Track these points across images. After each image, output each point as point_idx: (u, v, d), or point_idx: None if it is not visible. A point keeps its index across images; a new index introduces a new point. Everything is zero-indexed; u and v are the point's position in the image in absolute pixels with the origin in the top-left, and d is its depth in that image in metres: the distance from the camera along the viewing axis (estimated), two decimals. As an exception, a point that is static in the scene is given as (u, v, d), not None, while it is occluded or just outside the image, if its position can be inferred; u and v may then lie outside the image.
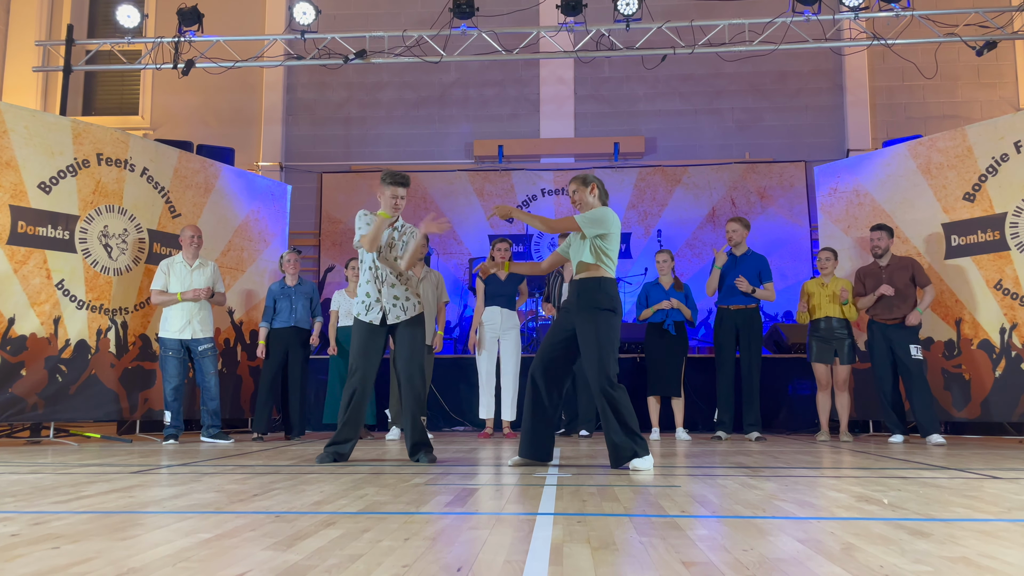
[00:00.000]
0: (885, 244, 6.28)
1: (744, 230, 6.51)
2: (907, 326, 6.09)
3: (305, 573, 1.63)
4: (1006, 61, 10.01)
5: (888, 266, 6.26)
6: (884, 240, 6.29)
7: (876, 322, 6.25)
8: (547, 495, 2.85)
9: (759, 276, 6.39)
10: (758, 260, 6.47)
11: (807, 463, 4.24)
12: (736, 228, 6.50)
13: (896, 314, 6.13)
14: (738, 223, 6.52)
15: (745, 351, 6.36)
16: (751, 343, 6.34)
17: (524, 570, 1.67)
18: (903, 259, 6.31)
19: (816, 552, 1.85)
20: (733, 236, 6.50)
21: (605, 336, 3.89)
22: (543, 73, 10.44)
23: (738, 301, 6.38)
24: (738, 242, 6.50)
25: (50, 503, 2.65)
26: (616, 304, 3.98)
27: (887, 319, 6.17)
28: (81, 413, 6.08)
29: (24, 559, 1.76)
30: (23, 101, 10.24)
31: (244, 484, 3.19)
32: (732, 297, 6.39)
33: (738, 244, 6.51)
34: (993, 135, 6.40)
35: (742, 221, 6.54)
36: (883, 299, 6.19)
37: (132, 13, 8.55)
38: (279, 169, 10.42)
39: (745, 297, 6.36)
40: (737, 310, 6.39)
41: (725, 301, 6.44)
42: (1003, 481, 3.34)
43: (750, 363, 6.32)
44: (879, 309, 6.22)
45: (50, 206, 5.99)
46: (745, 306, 6.38)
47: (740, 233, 6.49)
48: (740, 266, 6.43)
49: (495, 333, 6.54)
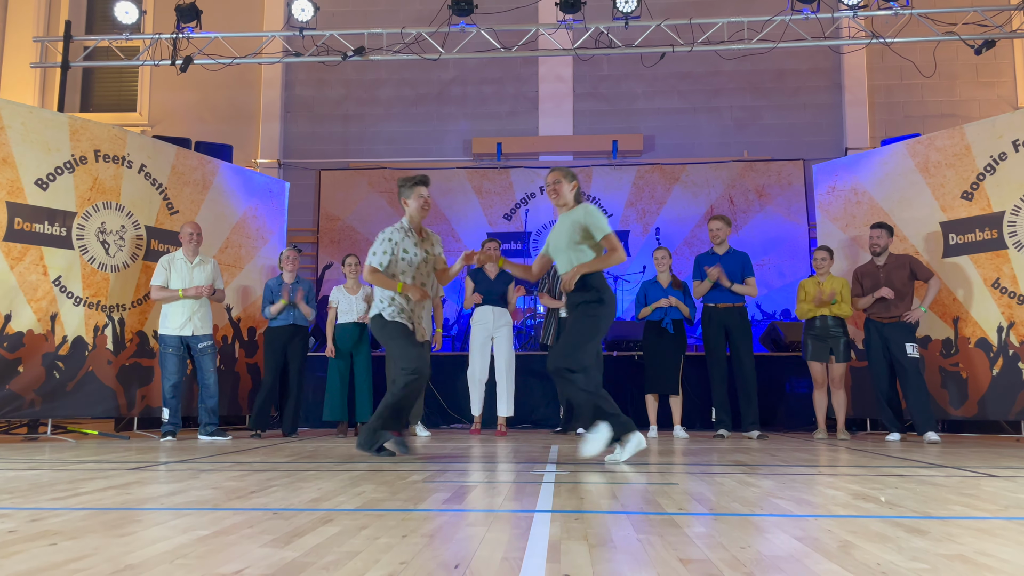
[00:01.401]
0: (884, 242, 6.28)
1: (727, 228, 6.49)
2: (904, 323, 6.09)
3: (303, 570, 1.63)
4: (1004, 60, 10.02)
5: (885, 265, 6.26)
6: (884, 238, 6.28)
7: (873, 320, 6.25)
8: (544, 492, 2.85)
9: (741, 272, 6.37)
10: (740, 257, 6.44)
11: (804, 461, 4.24)
12: (720, 226, 6.46)
13: (893, 312, 6.14)
14: (721, 221, 6.49)
15: (735, 349, 6.33)
16: (740, 341, 6.29)
17: (522, 567, 1.67)
18: (900, 257, 6.31)
19: (813, 549, 1.85)
20: (718, 234, 6.45)
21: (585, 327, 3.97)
22: (542, 71, 10.44)
23: (725, 299, 6.34)
24: (722, 240, 6.46)
25: (47, 499, 2.64)
26: (603, 294, 4.02)
27: (884, 317, 6.18)
28: (78, 410, 6.07)
29: (21, 555, 1.76)
30: (21, 97, 10.21)
31: (242, 481, 3.19)
32: (718, 296, 6.36)
33: (721, 242, 6.47)
34: (991, 134, 6.41)
35: (725, 219, 6.52)
36: (880, 298, 6.19)
37: (130, 9, 8.53)
38: (277, 166, 10.41)
39: (731, 295, 6.32)
40: (725, 308, 6.35)
41: (712, 300, 6.40)
42: (1000, 479, 3.34)
43: (742, 361, 6.28)
44: (876, 308, 6.23)
45: (47, 203, 5.98)
46: (732, 304, 6.34)
47: (724, 231, 6.46)
48: (723, 264, 6.41)
49: (488, 332, 6.57)
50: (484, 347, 6.58)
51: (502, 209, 10.13)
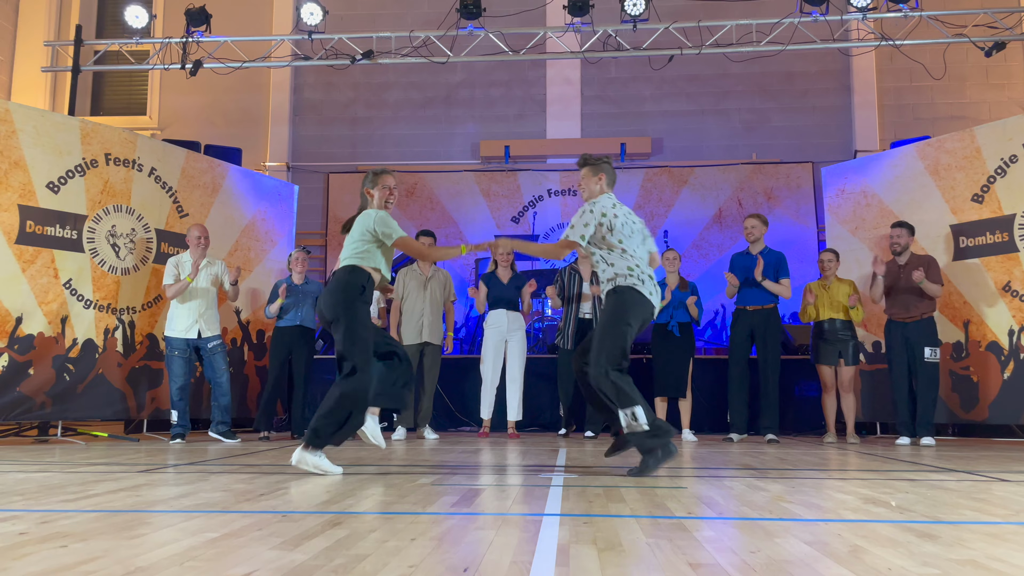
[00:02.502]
0: (905, 241, 6.22)
1: (763, 226, 6.37)
2: (926, 324, 6.02)
3: (312, 573, 1.63)
4: (1015, 62, 9.96)
5: (907, 264, 6.19)
6: (904, 237, 6.22)
7: (895, 321, 6.17)
8: (553, 496, 2.85)
9: (776, 272, 6.26)
10: (775, 256, 6.31)
11: (814, 465, 4.23)
12: (755, 224, 6.37)
13: (914, 312, 6.07)
14: (757, 219, 6.40)
15: (761, 351, 6.22)
16: (767, 343, 6.18)
17: (531, 571, 1.66)
18: (922, 257, 6.23)
19: (823, 554, 1.84)
20: (753, 232, 6.35)
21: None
22: (550, 73, 10.43)
23: (755, 302, 6.25)
24: (757, 238, 6.36)
25: (58, 502, 2.66)
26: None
27: (905, 318, 6.11)
28: (88, 412, 6.10)
29: (32, 557, 1.77)
30: (32, 101, 10.28)
31: (251, 484, 3.19)
32: (750, 298, 6.28)
33: (756, 240, 6.37)
34: (1002, 136, 6.37)
35: (761, 217, 6.42)
36: (900, 298, 6.10)
37: (140, 14, 8.58)
38: (286, 169, 10.44)
39: (763, 297, 6.23)
40: (754, 311, 6.25)
41: (743, 302, 6.33)
42: (1012, 484, 3.32)
43: (766, 364, 6.18)
44: (896, 308, 6.15)
45: (58, 206, 6.02)
46: (762, 306, 6.24)
47: (759, 229, 6.35)
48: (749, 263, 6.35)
49: (501, 335, 6.57)
50: (498, 350, 6.58)
51: (510, 212, 10.13)
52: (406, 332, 6.45)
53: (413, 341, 6.36)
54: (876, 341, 6.92)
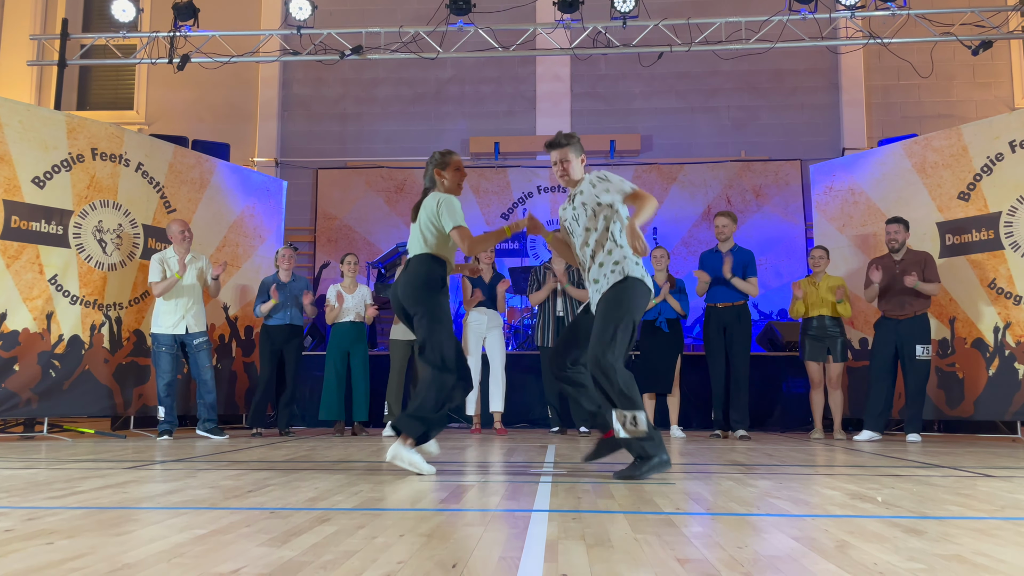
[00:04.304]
0: (902, 238, 6.23)
1: (733, 225, 6.46)
2: (919, 322, 6.04)
3: (300, 569, 1.63)
4: (1001, 61, 10.03)
5: (903, 260, 6.20)
6: (900, 234, 6.23)
7: (888, 318, 6.19)
8: (542, 492, 2.85)
9: (744, 270, 6.33)
10: (744, 254, 6.40)
11: (801, 461, 4.25)
12: (726, 223, 6.44)
13: (908, 311, 6.09)
14: (727, 217, 6.47)
15: (730, 347, 6.31)
16: (737, 340, 6.27)
17: (519, 567, 1.67)
18: (918, 253, 6.25)
19: (810, 549, 1.85)
20: (723, 231, 6.43)
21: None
22: (539, 70, 10.43)
23: (725, 299, 6.33)
24: (727, 236, 6.43)
25: (44, 498, 2.64)
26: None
27: (899, 315, 6.14)
28: (75, 408, 6.06)
29: (18, 554, 1.75)
30: (17, 95, 10.18)
31: (239, 480, 3.18)
32: (720, 295, 6.35)
33: (726, 239, 6.44)
34: (988, 134, 6.42)
35: (731, 216, 6.49)
36: (895, 296, 6.14)
37: (127, 7, 8.50)
38: (274, 165, 10.39)
39: (733, 295, 6.30)
40: (724, 308, 6.33)
41: (712, 299, 6.40)
42: (996, 479, 3.35)
43: (737, 360, 6.26)
44: (891, 306, 6.18)
45: (44, 201, 5.97)
46: (732, 303, 6.32)
47: (730, 228, 6.43)
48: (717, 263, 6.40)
49: (481, 333, 6.72)
50: (477, 348, 6.72)
51: (499, 208, 10.13)
52: (397, 328, 6.48)
53: (406, 337, 6.38)
54: (863, 338, 6.96)
